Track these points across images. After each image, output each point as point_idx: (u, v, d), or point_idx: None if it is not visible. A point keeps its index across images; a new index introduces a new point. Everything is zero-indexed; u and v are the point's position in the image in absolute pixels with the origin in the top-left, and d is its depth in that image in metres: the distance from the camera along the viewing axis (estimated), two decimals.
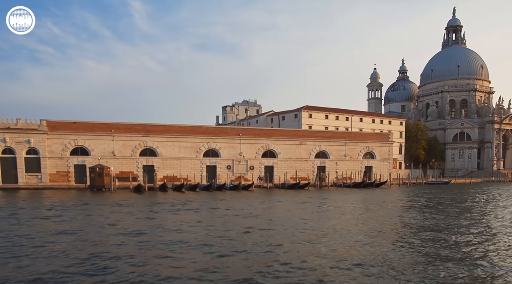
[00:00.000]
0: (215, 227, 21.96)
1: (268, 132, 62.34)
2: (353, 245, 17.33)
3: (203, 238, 18.78)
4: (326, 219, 26.06)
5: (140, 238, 18.56)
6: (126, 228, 21.48)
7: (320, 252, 15.84)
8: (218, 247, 16.73)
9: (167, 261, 14.43)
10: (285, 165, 62.00)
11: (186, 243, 17.39)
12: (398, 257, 15.14)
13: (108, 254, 15.34)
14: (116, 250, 16.05)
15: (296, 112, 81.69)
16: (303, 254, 15.49)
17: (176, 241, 17.81)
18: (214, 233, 19.96)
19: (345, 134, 67.39)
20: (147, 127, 56.38)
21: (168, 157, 56.85)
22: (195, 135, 57.90)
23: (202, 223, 23.40)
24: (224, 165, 59.21)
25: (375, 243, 17.57)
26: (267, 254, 15.55)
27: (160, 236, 19.16)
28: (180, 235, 19.54)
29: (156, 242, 17.71)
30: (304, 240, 18.15)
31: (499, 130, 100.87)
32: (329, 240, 18.38)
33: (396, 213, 29.23)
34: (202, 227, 21.96)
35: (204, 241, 17.88)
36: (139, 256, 15.15)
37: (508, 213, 30.10)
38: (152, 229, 21.31)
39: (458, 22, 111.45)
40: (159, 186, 49.38)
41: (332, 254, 15.47)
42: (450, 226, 23.04)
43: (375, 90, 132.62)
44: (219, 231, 20.68)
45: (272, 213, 28.69)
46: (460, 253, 16.09)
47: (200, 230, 21.17)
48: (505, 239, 19.06)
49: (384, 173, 67.55)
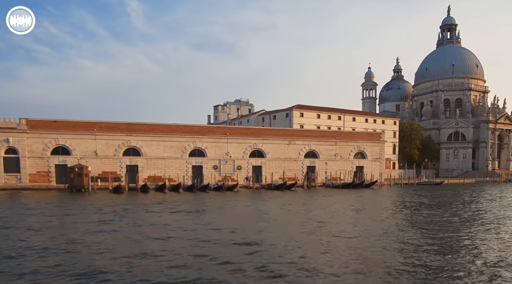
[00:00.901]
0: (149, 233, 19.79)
1: (256, 131, 60.89)
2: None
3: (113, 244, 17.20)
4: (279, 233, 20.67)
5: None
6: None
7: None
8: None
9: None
10: (274, 165, 60.56)
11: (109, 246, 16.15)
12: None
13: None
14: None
15: (287, 111, 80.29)
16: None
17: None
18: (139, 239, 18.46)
19: (336, 134, 65.97)
20: (131, 126, 54.84)
21: (152, 156, 55.35)
22: (181, 134, 56.41)
23: (139, 229, 21.36)
24: (211, 165, 57.73)
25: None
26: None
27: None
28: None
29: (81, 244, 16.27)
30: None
31: (494, 130, 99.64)
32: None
33: (362, 222, 24.39)
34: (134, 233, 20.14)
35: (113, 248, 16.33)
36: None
37: (486, 220, 26.04)
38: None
39: (453, 20, 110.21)
40: (141, 186, 47.91)
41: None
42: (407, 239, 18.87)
43: (369, 89, 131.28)
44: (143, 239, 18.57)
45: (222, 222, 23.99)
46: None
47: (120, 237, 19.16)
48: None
49: (376, 173, 66.22)
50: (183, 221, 24.46)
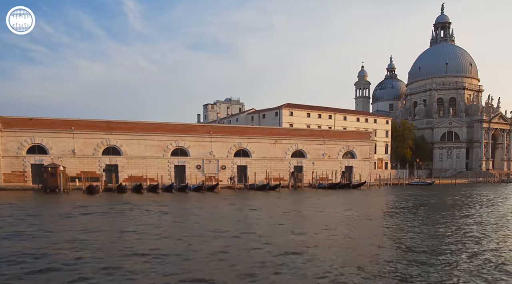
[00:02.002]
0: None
1: (241, 130, 59.12)
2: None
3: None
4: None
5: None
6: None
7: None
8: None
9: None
10: (259, 165, 58.83)
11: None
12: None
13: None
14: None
15: (277, 110, 78.61)
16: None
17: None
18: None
19: (324, 133, 64.26)
20: (110, 124, 53.03)
21: (133, 156, 53.58)
22: (162, 133, 54.63)
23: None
24: (194, 164, 55.97)
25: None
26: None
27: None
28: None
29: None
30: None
31: (488, 129, 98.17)
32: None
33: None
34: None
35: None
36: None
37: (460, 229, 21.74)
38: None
39: (447, 18, 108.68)
40: (117, 187, 46.12)
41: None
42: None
43: (362, 88, 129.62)
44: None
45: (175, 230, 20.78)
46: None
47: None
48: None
49: (366, 173, 64.59)
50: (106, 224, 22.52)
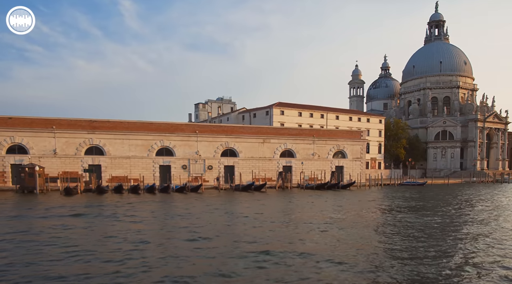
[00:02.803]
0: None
1: (228, 129, 57.75)
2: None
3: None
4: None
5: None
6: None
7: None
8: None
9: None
10: (247, 165, 57.52)
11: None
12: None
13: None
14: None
15: (268, 109, 77.24)
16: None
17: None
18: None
19: (313, 132, 62.94)
20: (93, 123, 51.64)
21: (116, 156, 52.20)
22: (147, 132, 53.26)
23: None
24: (179, 164, 54.62)
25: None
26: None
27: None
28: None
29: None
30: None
31: (483, 129, 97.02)
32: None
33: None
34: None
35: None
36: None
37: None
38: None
39: (441, 17, 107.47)
40: (96, 187, 44.76)
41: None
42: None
43: (356, 87, 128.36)
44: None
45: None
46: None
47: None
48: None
49: (357, 173, 63.36)
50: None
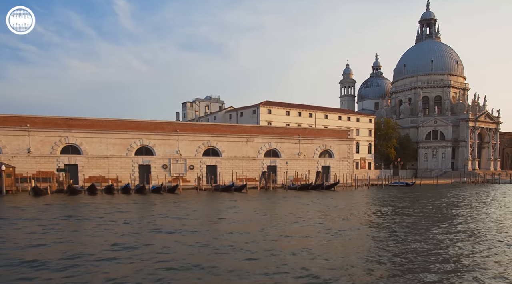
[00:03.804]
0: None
1: (210, 128, 56.13)
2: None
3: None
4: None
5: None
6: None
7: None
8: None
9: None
10: (230, 165, 55.91)
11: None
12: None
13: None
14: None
15: (255, 107, 75.66)
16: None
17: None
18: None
19: (299, 131, 61.39)
20: (69, 121, 49.85)
21: (94, 155, 50.43)
22: (125, 130, 51.54)
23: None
24: (160, 164, 52.94)
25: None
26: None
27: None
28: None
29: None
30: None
31: (474, 128, 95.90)
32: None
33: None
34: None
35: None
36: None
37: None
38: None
39: (432, 15, 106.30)
40: (67, 188, 43.04)
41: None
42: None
43: (348, 87, 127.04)
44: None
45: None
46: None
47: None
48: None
49: (344, 173, 61.89)
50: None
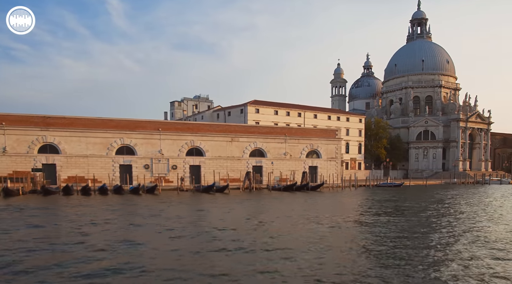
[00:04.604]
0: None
1: (193, 127, 54.77)
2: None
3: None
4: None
5: None
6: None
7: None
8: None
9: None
10: (214, 165, 54.52)
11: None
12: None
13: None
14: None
15: (242, 107, 74.41)
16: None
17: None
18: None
19: (285, 130, 60.17)
20: (47, 119, 48.24)
21: (73, 154, 48.85)
22: (106, 129, 50.02)
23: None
24: (141, 164, 51.44)
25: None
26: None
27: None
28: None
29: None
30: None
31: (465, 129, 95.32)
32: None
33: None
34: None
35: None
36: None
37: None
38: None
39: (423, 14, 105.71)
40: (41, 188, 41.57)
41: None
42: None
43: (339, 86, 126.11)
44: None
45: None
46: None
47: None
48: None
49: (331, 174, 60.69)
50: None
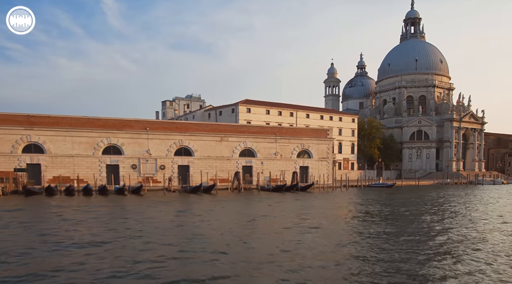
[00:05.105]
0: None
1: (182, 126, 53.97)
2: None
3: None
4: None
5: None
6: None
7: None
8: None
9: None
10: (203, 165, 53.73)
11: None
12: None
13: None
14: None
15: (233, 106, 73.60)
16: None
17: None
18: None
19: (276, 130, 59.45)
20: (31, 118, 47.26)
21: (58, 154, 47.88)
22: (92, 128, 49.10)
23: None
24: (128, 164, 50.55)
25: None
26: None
27: None
28: None
29: None
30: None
31: (459, 129, 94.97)
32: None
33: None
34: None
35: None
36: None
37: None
38: None
39: (417, 14, 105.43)
40: (22, 189, 40.66)
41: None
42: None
43: (332, 86, 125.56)
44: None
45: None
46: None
47: None
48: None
49: (323, 174, 60.02)
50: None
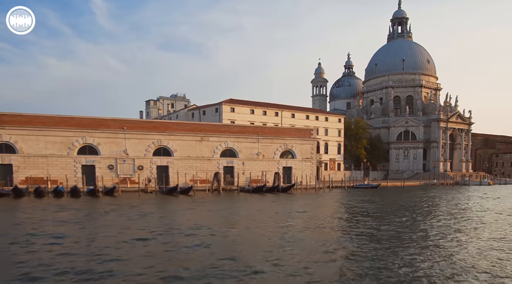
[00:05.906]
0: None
1: (160, 126, 52.61)
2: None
3: None
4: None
5: None
6: None
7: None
8: None
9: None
10: (183, 165, 52.36)
11: None
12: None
13: None
14: None
15: (217, 106, 72.28)
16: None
17: None
18: None
19: (258, 129, 58.28)
20: (2, 117, 45.58)
21: (31, 154, 46.20)
22: (66, 127, 47.49)
23: None
24: (105, 164, 49.01)
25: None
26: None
27: None
28: None
29: None
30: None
31: (446, 129, 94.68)
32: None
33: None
34: None
35: None
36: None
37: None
38: None
39: (404, 13, 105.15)
40: None
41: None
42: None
43: (319, 86, 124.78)
44: None
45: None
46: None
47: None
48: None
49: (306, 174, 58.89)
50: None
